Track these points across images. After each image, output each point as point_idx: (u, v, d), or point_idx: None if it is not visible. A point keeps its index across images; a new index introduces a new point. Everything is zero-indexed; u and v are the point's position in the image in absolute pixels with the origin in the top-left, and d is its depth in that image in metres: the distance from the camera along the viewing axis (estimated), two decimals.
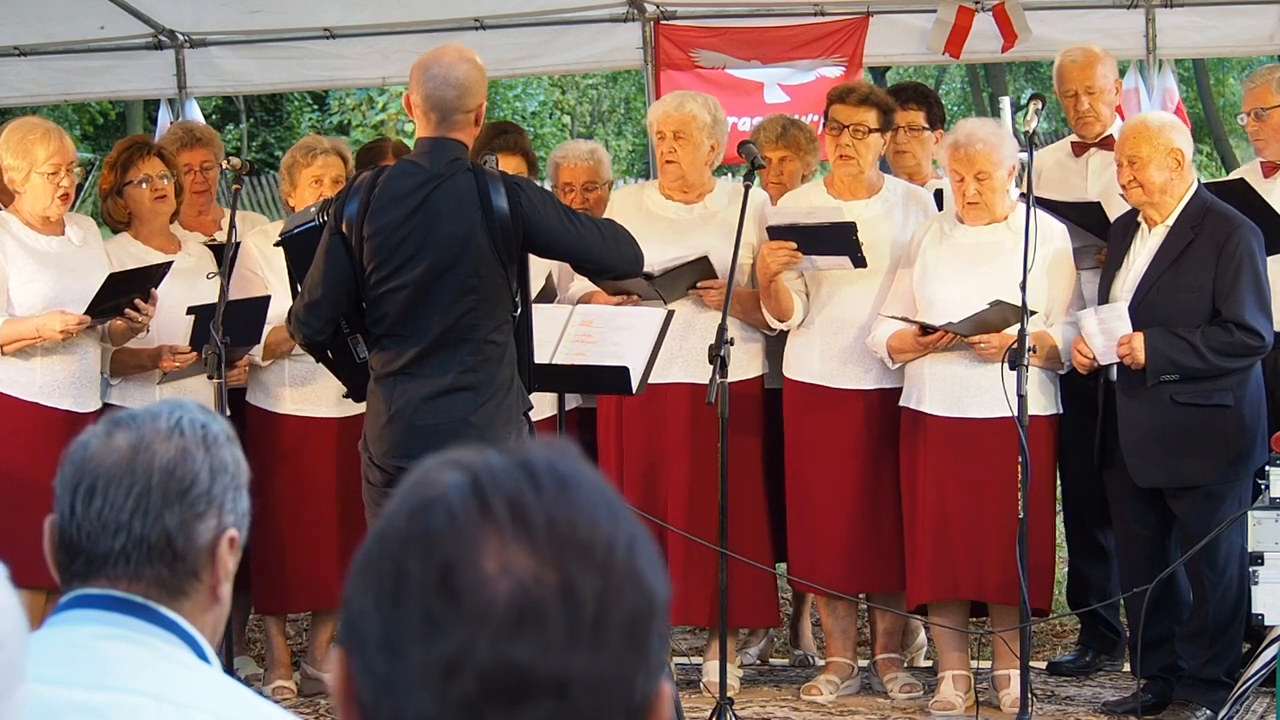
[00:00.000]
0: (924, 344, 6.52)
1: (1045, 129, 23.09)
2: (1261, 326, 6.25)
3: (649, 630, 1.40)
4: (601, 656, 1.36)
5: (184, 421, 2.30)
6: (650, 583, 1.41)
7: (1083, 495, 6.98)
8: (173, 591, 2.27)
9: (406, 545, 1.39)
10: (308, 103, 24.38)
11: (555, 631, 1.35)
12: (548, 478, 1.40)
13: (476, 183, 5.41)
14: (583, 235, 5.49)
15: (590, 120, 26.80)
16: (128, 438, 2.27)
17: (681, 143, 6.83)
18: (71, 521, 2.27)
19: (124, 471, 2.26)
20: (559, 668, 1.35)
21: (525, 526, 1.37)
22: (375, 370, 5.50)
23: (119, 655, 2.21)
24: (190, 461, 2.27)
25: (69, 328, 6.32)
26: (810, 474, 6.81)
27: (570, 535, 1.38)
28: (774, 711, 6.73)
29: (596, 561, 1.38)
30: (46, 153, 6.42)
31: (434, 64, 5.44)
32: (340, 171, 6.91)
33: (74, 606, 2.27)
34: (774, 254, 6.63)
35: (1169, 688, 6.44)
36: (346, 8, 9.26)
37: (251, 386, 6.96)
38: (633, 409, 6.77)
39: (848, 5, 8.92)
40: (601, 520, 1.40)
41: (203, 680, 2.23)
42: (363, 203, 5.44)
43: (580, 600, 1.36)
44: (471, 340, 5.41)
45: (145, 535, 2.25)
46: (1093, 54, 7.15)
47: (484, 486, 1.39)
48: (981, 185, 6.51)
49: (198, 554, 2.28)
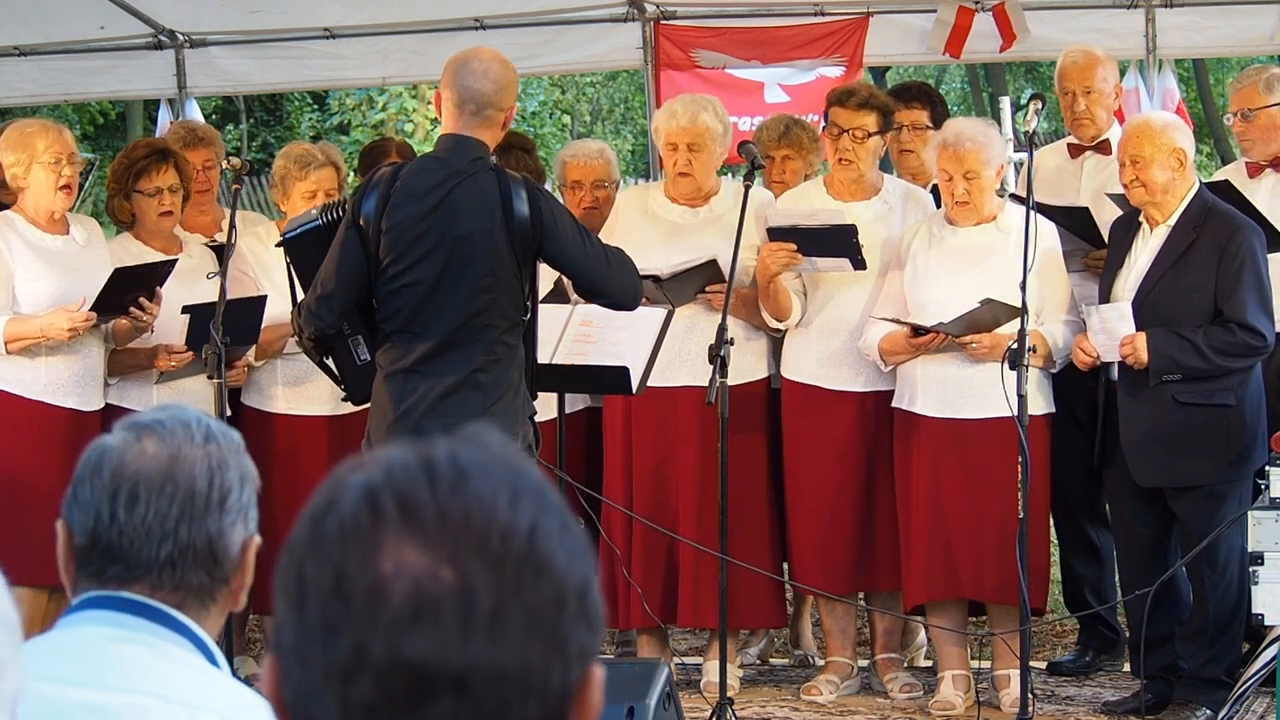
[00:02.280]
0: (916, 345, 6.52)
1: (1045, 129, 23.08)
2: (1264, 326, 6.26)
3: (560, 618, 1.38)
4: (502, 649, 1.35)
5: (213, 429, 2.34)
6: (559, 570, 1.38)
7: (1070, 492, 6.99)
8: (205, 598, 2.32)
9: (306, 552, 1.39)
10: (308, 103, 24.38)
11: (450, 626, 1.34)
12: (445, 470, 1.39)
13: (499, 183, 5.40)
14: (590, 255, 5.49)
15: (590, 120, 26.80)
16: (163, 445, 2.30)
17: (696, 154, 6.79)
18: (112, 527, 2.28)
19: (166, 479, 2.29)
20: (456, 663, 1.34)
21: (417, 524, 1.36)
22: (384, 367, 5.47)
23: (127, 656, 2.23)
24: (226, 470, 2.32)
25: (76, 325, 6.32)
26: (807, 474, 6.81)
27: (463, 528, 1.36)
28: (774, 711, 6.73)
29: (492, 553, 1.36)
30: (45, 143, 6.43)
31: (471, 60, 5.45)
32: (333, 184, 6.89)
33: (86, 608, 2.29)
34: (774, 255, 6.63)
35: (1169, 688, 6.44)
36: (346, 8, 9.26)
37: (246, 386, 6.96)
38: (641, 411, 6.76)
39: (848, 5, 8.92)
40: (501, 509, 1.38)
41: (211, 682, 2.25)
42: (382, 197, 5.43)
43: (475, 593, 1.35)
44: (484, 340, 5.39)
45: (191, 543, 2.29)
46: (1094, 56, 7.15)
47: (376, 488, 1.39)
48: (970, 185, 6.51)
49: (233, 561, 2.33)
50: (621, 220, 6.93)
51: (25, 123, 6.64)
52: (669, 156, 6.89)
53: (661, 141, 6.94)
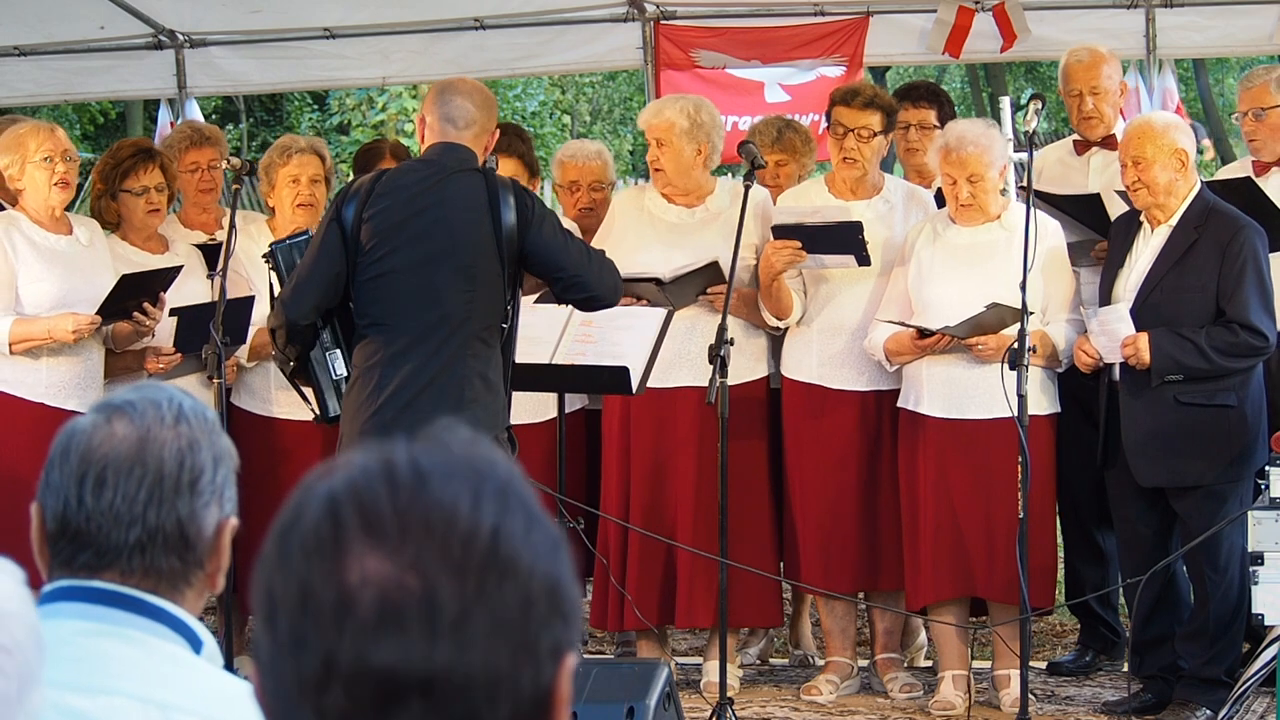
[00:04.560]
0: (921, 347, 6.52)
1: (1045, 129, 23.07)
2: (1266, 327, 6.26)
3: (527, 620, 1.37)
4: (468, 654, 1.35)
5: (185, 409, 2.28)
6: (524, 570, 1.38)
7: (1080, 495, 6.98)
8: (179, 582, 2.26)
9: (274, 568, 1.40)
10: (308, 103, 24.36)
11: (414, 631, 1.34)
12: (405, 476, 1.39)
13: (486, 184, 5.42)
14: (570, 249, 5.50)
15: (590, 120, 26.79)
16: (132, 427, 2.25)
17: (663, 149, 6.82)
18: (80, 512, 2.24)
19: (134, 462, 2.24)
20: (422, 669, 1.34)
21: (378, 532, 1.37)
22: (359, 365, 5.44)
23: (106, 654, 2.18)
24: (197, 450, 2.26)
25: (81, 328, 6.34)
26: (809, 473, 6.81)
27: (425, 534, 1.36)
28: (774, 711, 6.73)
29: (454, 558, 1.36)
30: (36, 142, 6.46)
31: (455, 87, 5.52)
32: (318, 170, 6.94)
33: (58, 599, 2.24)
34: (779, 253, 6.62)
35: (1169, 688, 6.44)
36: (346, 8, 9.26)
37: (237, 388, 6.95)
38: (640, 411, 6.75)
39: (848, 5, 8.92)
40: (462, 513, 1.37)
41: (192, 678, 2.20)
42: (365, 193, 5.45)
43: (437, 598, 1.35)
44: (461, 334, 5.37)
45: (160, 526, 2.24)
46: (1098, 55, 7.14)
47: (338, 498, 1.39)
48: (975, 188, 6.51)
49: (206, 544, 2.28)
50: (618, 220, 6.93)
51: (18, 124, 6.68)
52: (649, 152, 6.92)
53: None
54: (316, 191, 6.94)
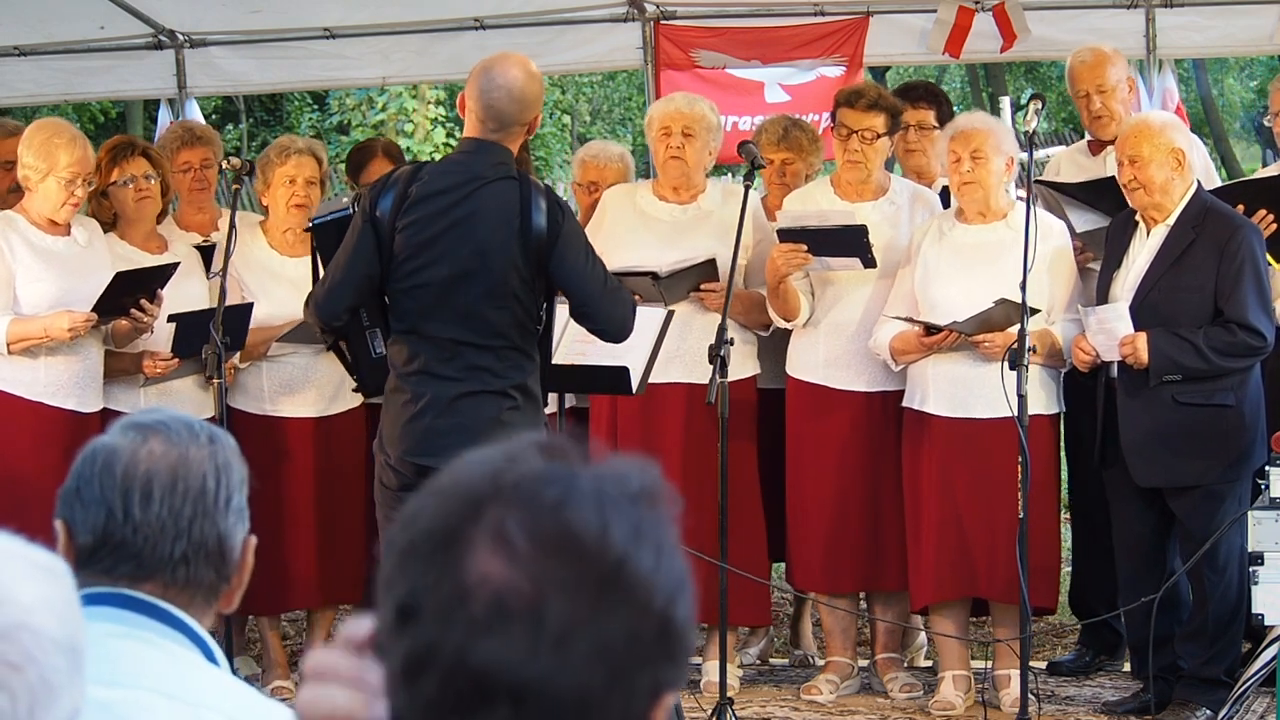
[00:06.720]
0: (928, 344, 6.52)
1: (1045, 129, 23.07)
2: (1264, 326, 6.26)
3: (632, 651, 1.38)
4: (564, 669, 1.36)
5: (214, 432, 2.37)
6: (642, 604, 1.39)
7: (1088, 495, 6.97)
8: (211, 596, 2.34)
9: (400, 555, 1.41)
10: (308, 103, 24.35)
11: (518, 637, 1.35)
12: (554, 489, 1.40)
13: (520, 191, 5.37)
14: (591, 277, 5.43)
15: (590, 120, 26.79)
16: (170, 445, 2.33)
17: (690, 140, 6.82)
18: (126, 524, 2.30)
19: (178, 477, 2.31)
20: (517, 673, 1.35)
21: (507, 539, 1.38)
22: (398, 366, 5.44)
23: (133, 654, 2.24)
24: (230, 471, 2.36)
25: (77, 326, 6.33)
26: (812, 473, 6.81)
27: (552, 548, 1.38)
28: (774, 711, 6.73)
29: (573, 575, 1.37)
30: (69, 159, 6.41)
31: (497, 74, 5.37)
32: (314, 172, 6.94)
33: (86, 604, 2.29)
34: (785, 256, 6.62)
35: (1169, 688, 6.44)
36: (346, 8, 9.25)
37: (233, 388, 6.95)
38: (629, 408, 6.76)
39: (848, 5, 8.91)
40: (592, 534, 1.39)
41: (213, 681, 2.27)
42: (400, 195, 5.39)
43: (547, 610, 1.36)
44: (496, 346, 5.36)
45: (203, 540, 2.32)
46: (1102, 54, 7.14)
47: (479, 500, 1.40)
48: (976, 164, 6.50)
49: (234, 560, 2.37)
50: (609, 216, 6.92)
51: (54, 127, 6.58)
52: (660, 143, 6.89)
53: (655, 130, 6.94)
54: (311, 193, 6.94)
